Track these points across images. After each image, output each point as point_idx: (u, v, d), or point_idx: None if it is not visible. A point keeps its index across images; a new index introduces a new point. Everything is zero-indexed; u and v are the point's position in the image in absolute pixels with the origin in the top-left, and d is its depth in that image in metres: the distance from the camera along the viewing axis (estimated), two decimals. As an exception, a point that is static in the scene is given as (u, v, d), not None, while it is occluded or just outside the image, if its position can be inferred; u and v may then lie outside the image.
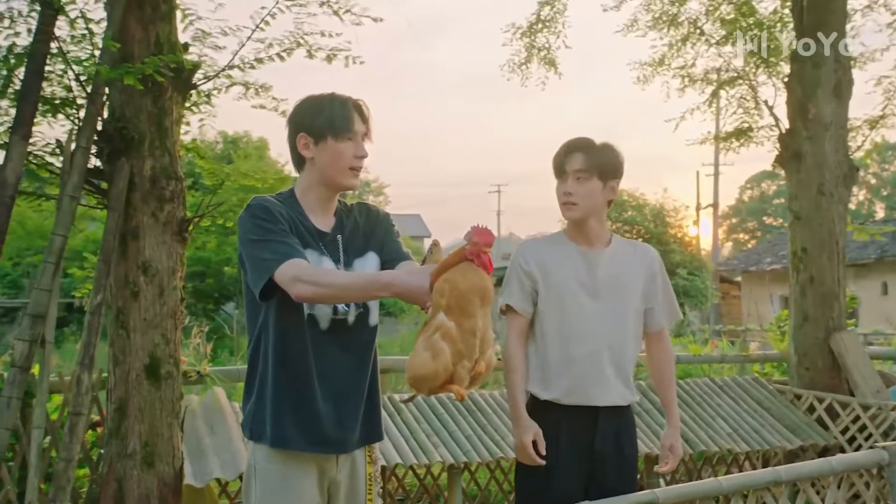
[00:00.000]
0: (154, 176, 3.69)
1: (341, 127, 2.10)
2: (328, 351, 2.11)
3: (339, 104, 2.13)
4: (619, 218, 23.36)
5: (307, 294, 1.96)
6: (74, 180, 3.50)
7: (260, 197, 2.12)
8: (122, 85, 3.59)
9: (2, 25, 3.73)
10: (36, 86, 3.53)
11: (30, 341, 3.39)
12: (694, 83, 6.67)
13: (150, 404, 3.66)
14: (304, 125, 2.13)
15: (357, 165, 2.15)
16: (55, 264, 3.46)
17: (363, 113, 2.18)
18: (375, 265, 2.22)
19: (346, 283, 1.99)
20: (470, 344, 1.80)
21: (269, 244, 2.00)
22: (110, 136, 3.62)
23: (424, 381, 1.83)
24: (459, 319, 1.79)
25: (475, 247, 1.80)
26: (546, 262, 2.70)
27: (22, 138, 3.50)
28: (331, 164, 2.12)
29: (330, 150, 2.11)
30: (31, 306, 3.41)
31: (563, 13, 7.30)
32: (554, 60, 7.52)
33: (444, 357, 1.78)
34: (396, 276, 1.95)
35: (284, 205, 2.13)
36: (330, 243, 2.17)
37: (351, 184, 2.17)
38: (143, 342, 3.66)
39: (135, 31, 3.68)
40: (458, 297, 1.78)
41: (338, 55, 4.15)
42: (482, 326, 1.83)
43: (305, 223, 2.14)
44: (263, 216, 2.05)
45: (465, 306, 1.78)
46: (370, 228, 2.27)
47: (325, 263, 2.12)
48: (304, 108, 2.15)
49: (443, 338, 1.79)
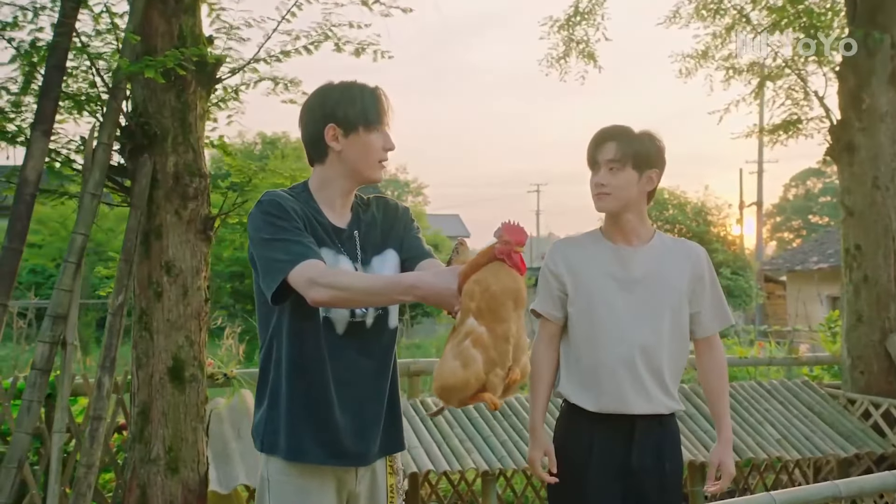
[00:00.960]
0: (177, 173, 3.58)
1: (374, 118, 1.98)
2: (345, 356, 1.96)
3: (371, 94, 1.99)
4: (661, 217, 22.93)
5: (324, 298, 1.81)
6: (96, 177, 3.41)
7: (271, 192, 1.98)
8: (144, 80, 3.49)
9: (24, 20, 3.66)
10: (57, 80, 3.44)
11: (50, 343, 3.30)
12: (739, 74, 6.41)
13: (174, 408, 3.56)
14: (335, 115, 1.97)
15: (385, 158, 2.03)
16: (76, 264, 3.37)
17: (386, 103, 2.04)
18: (395, 263, 2.08)
19: (366, 287, 1.83)
20: (503, 350, 1.64)
21: (283, 243, 1.86)
22: (132, 132, 3.52)
23: (454, 391, 1.66)
24: (491, 324, 1.62)
25: (506, 245, 1.64)
26: (575, 261, 2.51)
27: (43, 134, 3.41)
28: (361, 157, 1.99)
29: (361, 143, 1.97)
30: (52, 307, 3.32)
31: (602, 4, 7.08)
32: (593, 54, 7.30)
33: (475, 365, 1.62)
34: (421, 278, 1.79)
35: (298, 200, 1.99)
36: (347, 240, 2.02)
37: (378, 177, 2.03)
38: (166, 344, 3.56)
39: (157, 23, 3.58)
40: (489, 300, 1.62)
41: (366, 49, 4.01)
42: (516, 331, 1.66)
43: (320, 219, 1.99)
44: (276, 213, 1.90)
45: (498, 310, 1.62)
46: (389, 224, 2.12)
47: (342, 262, 1.98)
48: (334, 97, 1.98)
49: (474, 345, 1.62)
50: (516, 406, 4.54)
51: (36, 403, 3.28)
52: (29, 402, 3.26)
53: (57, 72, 3.44)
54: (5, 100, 3.63)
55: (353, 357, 1.97)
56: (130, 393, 3.64)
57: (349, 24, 3.82)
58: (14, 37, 3.58)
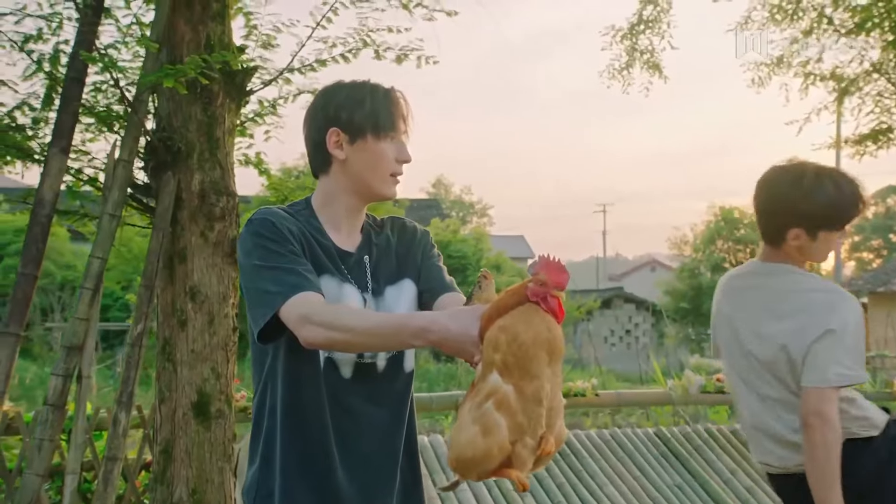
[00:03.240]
0: (203, 191, 3.31)
1: (385, 123, 1.68)
2: (352, 405, 1.63)
3: (383, 96, 1.70)
4: (732, 236, 22.13)
5: (319, 340, 1.49)
6: (115, 197, 3.16)
7: (265, 209, 1.67)
8: (169, 92, 3.25)
9: (49, 32, 3.46)
10: (76, 94, 3.22)
11: (63, 376, 3.05)
12: (821, 80, 5.91)
13: (199, 446, 3.27)
14: (339, 119, 1.68)
15: (399, 171, 1.72)
16: (93, 290, 3.12)
17: (404, 108, 1.75)
18: (412, 296, 1.75)
19: (369, 328, 1.48)
20: (534, 415, 1.30)
21: (273, 272, 1.54)
22: (155, 148, 3.27)
23: (472, 464, 1.31)
24: (520, 382, 1.29)
25: (541, 287, 1.32)
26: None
27: (61, 151, 3.18)
28: (369, 168, 1.69)
29: (369, 151, 1.68)
30: (67, 337, 3.08)
31: (667, 12, 6.68)
32: (658, 64, 6.90)
33: (498, 433, 1.28)
34: (434, 320, 1.43)
35: (297, 218, 1.68)
36: (355, 266, 1.70)
37: (390, 192, 1.73)
38: (190, 376, 3.27)
39: (183, 31, 3.33)
40: (518, 353, 1.29)
41: (409, 55, 3.70)
42: (549, 391, 1.32)
43: (323, 241, 1.68)
44: (268, 234, 1.59)
45: (528, 365, 1.29)
46: (405, 249, 1.80)
47: (348, 293, 1.66)
48: (339, 99, 1.69)
49: (497, 407, 1.29)
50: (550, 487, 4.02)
51: (48, 442, 3.02)
52: (40, 441, 3.01)
53: (76, 85, 3.22)
54: (28, 116, 3.44)
55: (360, 406, 1.64)
56: (153, 429, 3.37)
57: (388, 28, 3.52)
58: (35, 49, 3.39)
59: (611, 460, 4.20)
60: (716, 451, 4.37)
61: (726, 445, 4.48)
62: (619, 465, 4.17)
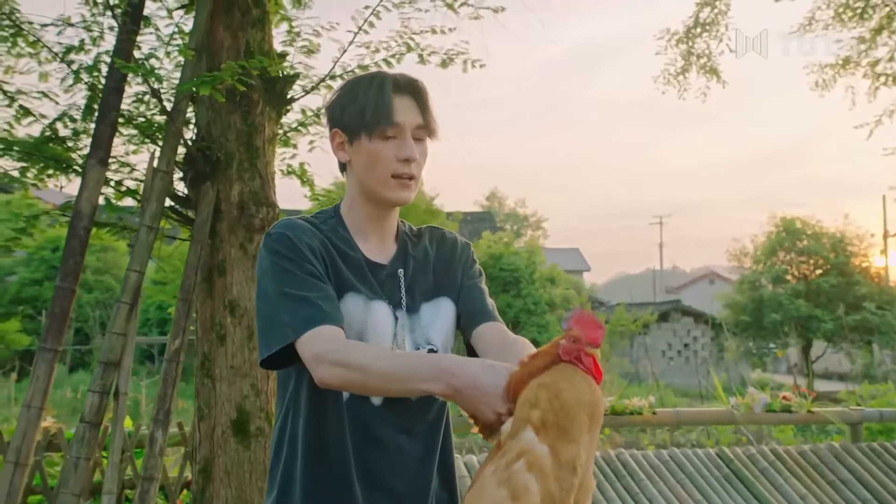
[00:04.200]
0: (242, 202, 3.22)
1: (375, 119, 1.47)
2: (382, 435, 1.47)
3: (377, 87, 1.49)
4: (794, 248, 21.45)
5: (333, 380, 1.35)
6: (153, 209, 3.08)
7: (286, 221, 1.52)
8: (208, 100, 3.17)
9: (91, 44, 3.42)
10: (115, 104, 3.15)
11: (100, 392, 2.97)
12: (894, 81, 5.61)
13: (238, 465, 3.16)
14: (338, 118, 1.53)
15: (402, 172, 1.49)
16: (130, 305, 3.04)
17: (419, 96, 1.52)
18: (450, 317, 1.58)
19: (387, 369, 1.32)
20: (566, 485, 1.12)
21: (289, 301, 1.40)
22: (193, 158, 3.19)
23: None
24: (556, 444, 1.13)
25: (574, 345, 1.18)
26: None
27: (99, 163, 3.12)
28: (367, 171, 1.51)
29: (364, 152, 1.50)
30: (104, 352, 3.00)
31: (725, 14, 6.44)
32: (716, 68, 6.65)
33: (528, 499, 1.10)
34: (462, 365, 1.27)
35: (321, 228, 1.53)
36: (387, 280, 1.54)
37: (395, 197, 1.51)
38: (229, 393, 3.17)
39: (222, 38, 3.25)
40: (559, 411, 1.14)
41: (455, 59, 3.56)
42: (585, 461, 1.15)
43: (350, 253, 1.53)
44: (284, 251, 1.45)
45: (569, 426, 1.13)
46: (445, 264, 1.62)
47: (377, 311, 1.50)
48: (339, 95, 1.55)
49: (529, 468, 1.11)
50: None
51: (84, 461, 2.94)
52: (76, 460, 2.93)
53: (114, 95, 3.16)
54: (69, 128, 3.40)
55: (391, 437, 1.47)
56: (192, 447, 3.27)
57: (432, 29, 3.39)
58: (76, 60, 3.35)
59: (669, 482, 3.97)
60: (783, 475, 4.10)
61: (794, 468, 4.20)
62: (678, 488, 3.94)
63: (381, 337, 1.48)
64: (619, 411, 4.58)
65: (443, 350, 1.54)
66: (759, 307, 21.34)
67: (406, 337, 1.51)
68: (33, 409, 2.99)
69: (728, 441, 6.72)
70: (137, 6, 3.17)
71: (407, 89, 1.51)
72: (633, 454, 4.13)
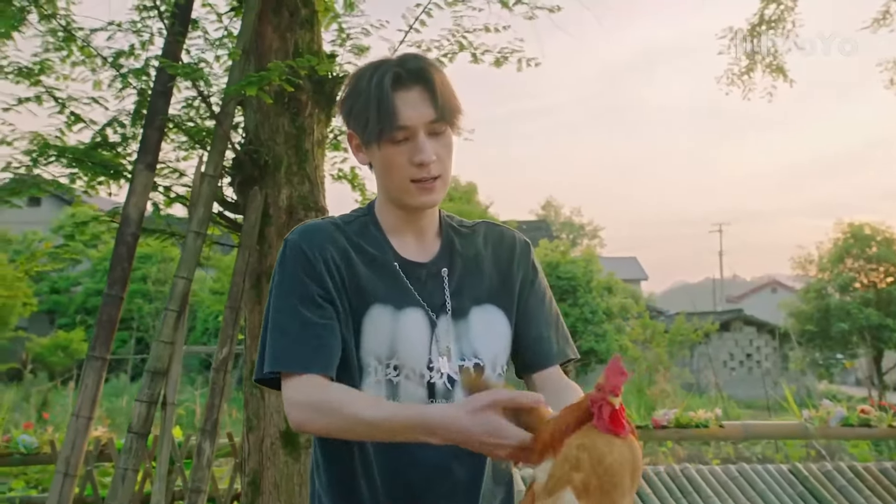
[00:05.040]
0: (291, 206, 3.13)
1: (378, 126, 1.29)
2: (422, 459, 1.31)
3: (376, 85, 1.29)
4: (863, 255, 20.69)
5: (315, 428, 1.29)
6: (200, 214, 3.02)
7: (304, 227, 1.39)
8: (257, 103, 3.10)
9: (140, 49, 3.39)
10: (162, 107, 3.10)
11: (148, 402, 2.91)
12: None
13: (288, 478, 3.06)
14: (348, 119, 1.37)
15: (420, 176, 1.31)
16: (177, 312, 2.97)
17: (429, 84, 1.31)
18: (502, 332, 1.41)
19: (378, 419, 1.21)
20: None
21: (284, 333, 1.31)
22: (241, 163, 3.12)
23: None
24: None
25: (599, 394, 1.10)
26: None
27: (146, 168, 3.07)
28: (385, 177, 1.36)
29: (377, 159, 1.34)
30: (150, 361, 2.94)
31: (792, 10, 6.18)
32: (782, 67, 6.38)
33: None
34: (447, 423, 1.16)
35: (347, 231, 1.38)
36: (428, 280, 1.38)
37: (419, 202, 1.35)
38: (279, 404, 3.07)
39: (271, 40, 3.18)
40: (603, 476, 1.07)
41: (509, 57, 3.44)
42: None
43: (379, 256, 1.38)
44: (293, 269, 1.34)
45: (612, 491, 1.07)
46: (502, 269, 1.44)
47: (409, 322, 1.34)
48: (347, 92, 1.37)
49: None
50: None
51: (132, 472, 2.88)
52: (123, 471, 2.87)
53: (162, 98, 3.10)
54: (119, 133, 3.36)
55: (432, 460, 1.32)
56: (241, 459, 3.19)
57: (485, 27, 3.27)
58: (125, 65, 3.32)
59: (739, 500, 3.76)
60: (864, 493, 3.85)
61: (875, 486, 3.94)
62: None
63: (415, 349, 1.33)
64: (683, 424, 4.38)
65: (490, 368, 1.37)
66: (826, 316, 20.63)
67: (451, 345, 1.35)
68: (82, 418, 2.94)
69: (798, 456, 6.41)
70: (185, 8, 3.11)
71: (413, 79, 1.30)
72: (699, 469, 3.92)
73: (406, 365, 1.32)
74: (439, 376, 1.33)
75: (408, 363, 1.32)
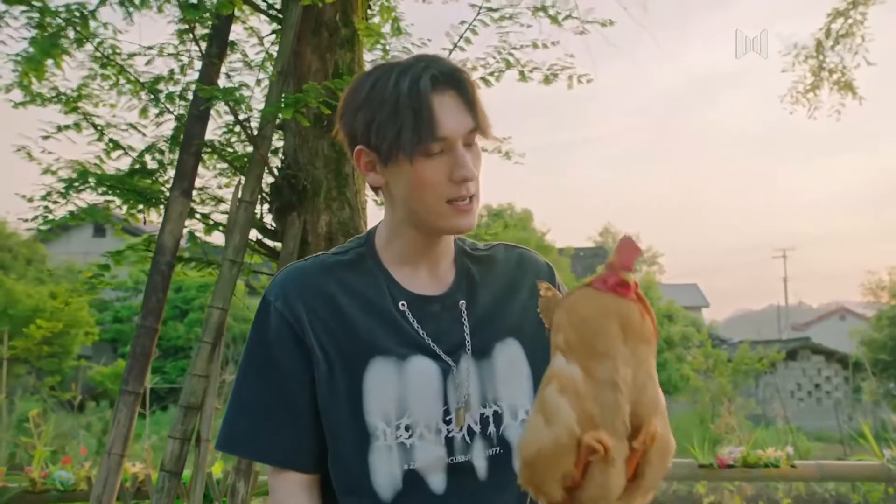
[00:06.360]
0: (331, 233, 3.00)
1: (415, 136, 1.11)
2: None
3: (411, 89, 1.11)
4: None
5: None
6: (236, 241, 2.90)
7: (282, 277, 1.22)
8: (296, 126, 2.99)
9: (179, 73, 3.32)
10: (198, 132, 3.01)
11: (181, 439, 2.78)
12: None
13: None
14: (360, 133, 1.16)
15: (458, 195, 1.14)
16: (212, 344, 2.85)
17: (463, 88, 1.15)
18: (523, 371, 1.23)
19: None
20: (608, 403, 0.96)
21: (241, 407, 1.19)
22: (280, 188, 3.00)
23: (543, 462, 0.95)
24: (587, 363, 0.98)
25: (608, 269, 1.03)
26: None
27: (182, 194, 2.97)
28: (412, 197, 1.16)
29: (405, 176, 1.15)
30: (184, 396, 2.81)
31: (861, 24, 5.89)
32: (851, 83, 6.08)
33: (562, 417, 0.95)
34: None
35: (338, 272, 1.21)
36: (444, 315, 1.21)
37: (453, 227, 1.17)
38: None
39: (310, 60, 3.07)
40: (579, 326, 1.00)
41: (559, 74, 3.26)
42: (631, 376, 0.97)
43: (380, 294, 1.20)
44: (262, 334, 1.19)
45: (594, 340, 0.98)
46: (522, 292, 1.27)
47: (417, 373, 1.16)
48: (359, 99, 1.16)
49: (561, 391, 0.97)
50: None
51: (163, 512, 2.75)
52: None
53: (198, 123, 3.01)
54: (157, 160, 3.28)
55: None
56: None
57: (533, 44, 3.10)
58: (163, 90, 3.24)
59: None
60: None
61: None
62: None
63: (428, 403, 1.15)
64: (751, 463, 4.10)
65: (510, 416, 1.20)
66: (900, 345, 19.81)
67: (473, 389, 1.17)
68: (114, 455, 2.82)
69: (877, 496, 5.99)
70: (222, 30, 3.02)
71: (447, 81, 1.14)
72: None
73: (419, 422, 1.15)
74: (458, 430, 1.15)
75: (421, 420, 1.15)
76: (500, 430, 1.19)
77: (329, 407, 1.15)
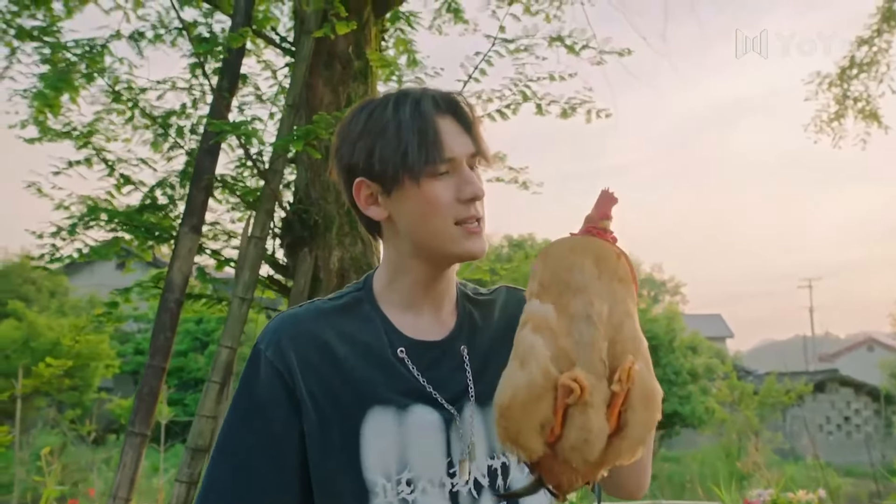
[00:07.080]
0: (343, 269, 2.92)
1: (422, 156, 1.08)
2: None
3: (413, 112, 1.09)
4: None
5: None
6: (246, 278, 2.83)
7: (280, 321, 1.14)
8: (308, 160, 2.93)
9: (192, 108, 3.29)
10: (209, 167, 2.96)
11: (188, 483, 2.69)
12: None
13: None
14: (361, 165, 1.11)
15: (468, 215, 1.10)
16: (221, 384, 2.77)
17: (461, 114, 1.12)
18: None
19: None
20: (584, 337, 0.91)
21: (228, 462, 1.12)
22: (291, 223, 2.94)
23: (519, 406, 0.89)
24: (561, 300, 0.94)
25: (586, 221, 1.01)
26: None
27: (192, 230, 2.91)
28: (419, 224, 1.10)
29: (412, 201, 1.10)
30: (191, 437, 2.73)
31: (886, 52, 5.79)
32: (876, 113, 5.97)
33: (536, 356, 0.90)
34: None
35: (333, 318, 1.14)
36: (447, 362, 1.13)
37: (465, 250, 1.11)
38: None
39: (322, 93, 3.02)
40: (552, 264, 0.97)
41: (577, 108, 3.19)
42: (607, 311, 0.92)
43: (378, 339, 1.13)
44: (250, 389, 1.12)
45: (566, 276, 0.95)
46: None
47: (417, 420, 1.09)
48: (355, 133, 1.12)
49: (535, 330, 0.93)
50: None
51: (168, 559, 2.65)
52: (160, 558, 2.64)
53: (209, 158, 2.96)
54: (167, 195, 3.24)
55: None
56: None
57: (549, 76, 3.04)
58: (174, 124, 3.21)
59: None
60: None
61: None
62: None
63: (430, 456, 1.07)
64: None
65: (518, 469, 1.12)
66: (931, 377, 19.37)
67: (478, 438, 1.10)
68: (119, 500, 2.74)
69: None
70: (233, 64, 2.98)
71: (446, 107, 1.11)
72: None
73: (422, 477, 1.06)
74: (463, 483, 1.07)
75: (423, 474, 1.06)
76: (507, 482, 1.12)
77: (321, 462, 1.08)
